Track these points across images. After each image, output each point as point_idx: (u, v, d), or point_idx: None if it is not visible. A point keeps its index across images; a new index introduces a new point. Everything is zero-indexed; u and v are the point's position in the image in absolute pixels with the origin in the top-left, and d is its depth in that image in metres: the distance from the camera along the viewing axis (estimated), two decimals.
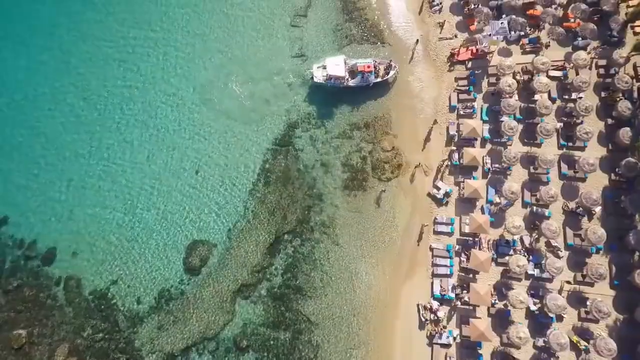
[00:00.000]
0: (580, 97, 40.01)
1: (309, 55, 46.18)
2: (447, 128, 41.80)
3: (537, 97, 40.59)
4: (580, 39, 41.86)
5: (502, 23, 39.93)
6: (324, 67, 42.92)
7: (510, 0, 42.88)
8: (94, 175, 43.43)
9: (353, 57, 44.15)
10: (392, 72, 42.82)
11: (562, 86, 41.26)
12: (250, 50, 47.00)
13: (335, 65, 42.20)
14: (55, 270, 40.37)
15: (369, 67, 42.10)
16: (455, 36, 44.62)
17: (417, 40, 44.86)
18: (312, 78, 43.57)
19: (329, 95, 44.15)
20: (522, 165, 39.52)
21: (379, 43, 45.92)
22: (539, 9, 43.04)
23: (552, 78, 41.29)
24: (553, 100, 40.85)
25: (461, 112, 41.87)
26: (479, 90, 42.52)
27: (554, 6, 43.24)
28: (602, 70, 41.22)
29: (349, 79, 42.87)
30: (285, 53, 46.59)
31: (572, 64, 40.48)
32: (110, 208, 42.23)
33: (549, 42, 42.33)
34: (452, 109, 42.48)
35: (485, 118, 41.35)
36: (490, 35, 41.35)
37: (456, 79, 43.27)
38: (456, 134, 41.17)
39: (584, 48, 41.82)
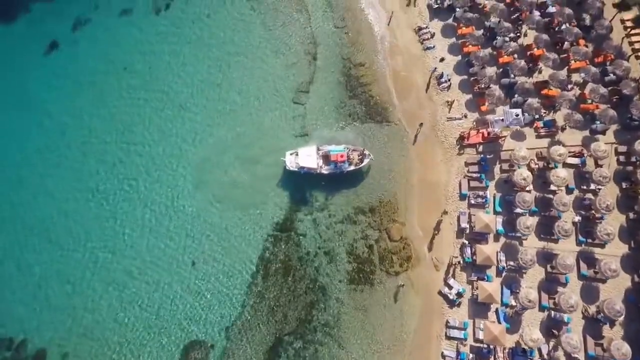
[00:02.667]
0: (600, 189, 37.75)
1: (311, 134, 44.01)
2: (458, 218, 39.46)
3: (553, 187, 38.31)
4: (598, 122, 39.57)
5: (516, 114, 37.66)
6: (297, 154, 41.24)
7: (523, 82, 40.63)
8: (86, 271, 41.31)
9: (327, 144, 41.99)
10: (366, 161, 40.97)
11: (580, 174, 38.91)
12: (249, 129, 44.86)
13: (307, 156, 40.76)
14: None
15: (342, 156, 40.41)
16: (465, 116, 42.37)
17: (421, 123, 42.68)
18: (284, 166, 41.66)
19: (332, 176, 41.93)
20: (539, 263, 37.12)
21: (383, 122, 43.74)
22: (554, 90, 40.84)
23: (569, 165, 39.06)
24: (570, 191, 38.57)
25: (472, 202, 39.55)
26: (491, 177, 40.22)
27: (569, 86, 41.03)
28: (622, 157, 38.97)
29: (323, 166, 41.11)
30: (286, 132, 44.44)
31: (590, 153, 38.21)
32: (102, 305, 40.05)
33: (565, 125, 40.04)
34: (462, 196, 40.16)
35: (499, 209, 39.02)
36: (502, 120, 39.06)
37: (466, 164, 40.97)
38: (468, 226, 38.88)
39: (603, 132, 39.61)
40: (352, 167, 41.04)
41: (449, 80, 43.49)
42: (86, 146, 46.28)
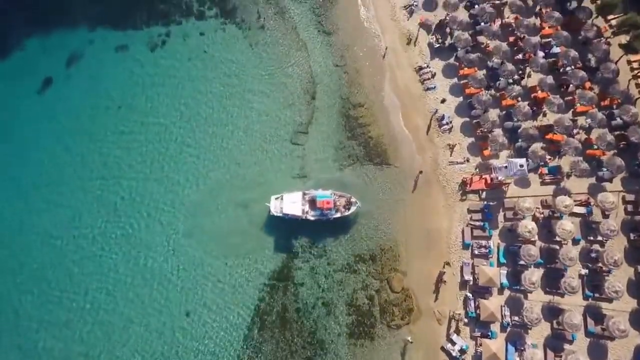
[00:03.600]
0: (607, 241, 36.54)
1: (310, 175, 42.90)
2: (461, 269, 38.20)
3: (558, 238, 37.07)
4: (605, 169, 38.40)
5: (520, 165, 36.38)
6: (282, 199, 40.12)
7: (527, 128, 39.47)
8: (79, 322, 40.30)
9: (314, 188, 40.96)
10: (353, 208, 39.82)
11: (587, 224, 37.72)
12: (248, 170, 43.61)
13: (291, 203, 39.71)
14: None
15: (328, 203, 39.28)
16: (467, 160, 41.18)
17: (421, 171, 41.46)
18: (269, 211, 40.37)
19: (330, 221, 40.70)
20: (545, 318, 35.80)
21: (383, 164, 42.55)
22: (558, 134, 39.68)
23: (575, 214, 37.85)
24: (576, 242, 37.34)
25: (476, 252, 38.34)
26: (494, 226, 39.00)
27: (575, 130, 39.89)
28: (630, 207, 37.76)
29: (309, 211, 39.96)
30: (284, 174, 43.26)
31: (597, 203, 36.98)
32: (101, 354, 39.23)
33: (571, 172, 38.83)
34: (465, 246, 38.95)
35: (503, 260, 37.82)
36: (506, 168, 37.81)
37: (469, 211, 39.77)
38: (471, 277, 37.63)
39: (609, 180, 38.43)
40: (338, 214, 39.86)
41: (451, 122, 42.32)
42: (84, 184, 45.01)
